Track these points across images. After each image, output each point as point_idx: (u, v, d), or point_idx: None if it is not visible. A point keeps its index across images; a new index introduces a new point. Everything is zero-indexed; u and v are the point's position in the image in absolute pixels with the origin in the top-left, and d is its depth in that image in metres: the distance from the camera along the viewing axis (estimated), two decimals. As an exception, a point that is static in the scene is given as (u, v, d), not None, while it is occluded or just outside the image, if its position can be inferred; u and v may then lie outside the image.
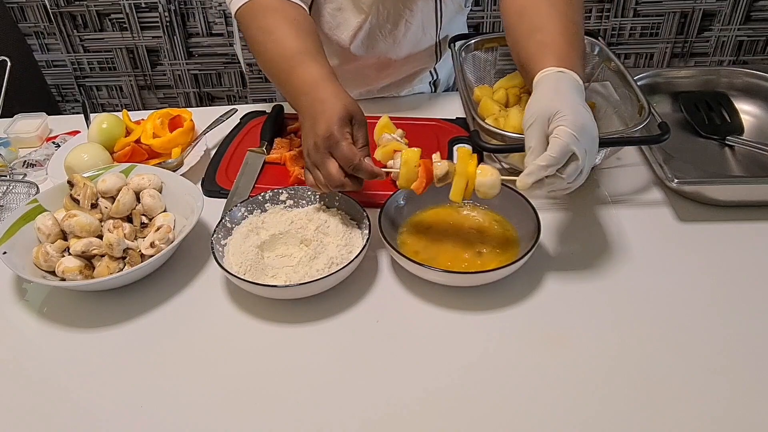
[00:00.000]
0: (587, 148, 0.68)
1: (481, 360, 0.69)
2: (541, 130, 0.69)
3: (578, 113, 0.68)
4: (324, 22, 1.06)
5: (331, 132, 0.75)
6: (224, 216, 0.83)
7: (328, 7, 1.03)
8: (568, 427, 0.62)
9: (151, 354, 0.72)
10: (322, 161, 0.76)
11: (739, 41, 2.35)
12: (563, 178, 0.68)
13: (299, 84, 0.82)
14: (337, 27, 1.06)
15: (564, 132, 0.67)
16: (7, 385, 0.70)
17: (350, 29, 1.05)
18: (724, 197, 0.87)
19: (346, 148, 0.75)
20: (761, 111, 1.05)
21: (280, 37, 0.87)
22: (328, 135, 0.75)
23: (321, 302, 0.76)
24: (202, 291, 0.80)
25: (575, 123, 0.67)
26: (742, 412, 0.63)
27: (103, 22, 2.27)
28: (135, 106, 2.49)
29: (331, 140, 0.75)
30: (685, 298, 0.75)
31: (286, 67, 0.84)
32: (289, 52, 0.85)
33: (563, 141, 0.67)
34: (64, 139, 1.11)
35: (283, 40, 0.86)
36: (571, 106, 0.69)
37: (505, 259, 0.77)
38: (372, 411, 0.65)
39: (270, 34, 0.88)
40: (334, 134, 0.75)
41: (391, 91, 1.19)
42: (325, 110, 0.77)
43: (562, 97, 0.70)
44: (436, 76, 1.20)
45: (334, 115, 0.76)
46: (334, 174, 0.75)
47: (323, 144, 0.76)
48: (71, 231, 0.79)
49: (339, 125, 0.75)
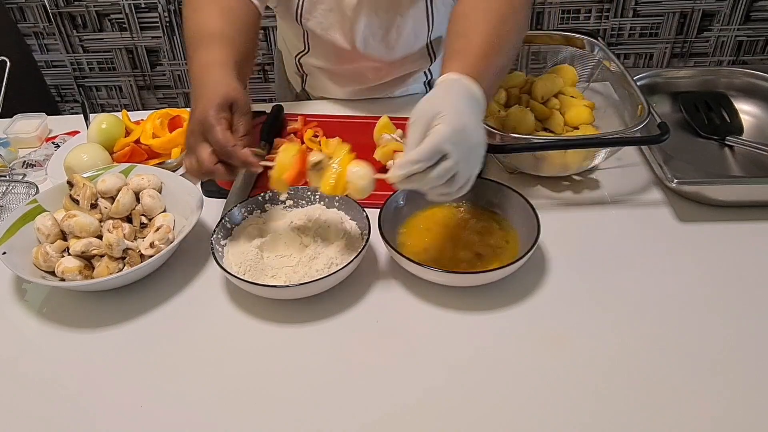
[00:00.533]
0: (463, 153, 0.66)
1: (481, 360, 0.69)
2: (423, 130, 0.67)
3: (460, 116, 0.66)
4: (317, 23, 1.06)
5: (206, 116, 0.73)
6: (224, 216, 0.83)
7: (319, 8, 1.03)
8: (567, 426, 0.62)
9: (151, 354, 0.72)
10: (195, 145, 0.75)
11: (739, 41, 2.35)
12: (431, 177, 0.66)
13: (197, 66, 0.81)
14: (330, 27, 1.06)
15: (439, 130, 0.65)
16: (7, 385, 0.70)
17: (342, 30, 1.05)
18: (723, 197, 0.87)
19: (220, 133, 0.73)
20: (761, 111, 1.05)
21: (203, 17, 0.87)
22: (202, 119, 0.74)
23: (321, 302, 0.76)
24: (201, 291, 0.80)
25: (452, 124, 0.65)
26: (743, 412, 0.63)
27: (102, 22, 2.27)
28: (134, 107, 2.49)
29: (205, 124, 0.74)
30: (685, 298, 0.75)
31: (194, 46, 0.84)
32: (202, 33, 0.85)
33: (435, 139, 0.65)
34: (63, 140, 1.11)
35: (204, 20, 0.86)
36: (454, 109, 0.67)
37: (505, 259, 0.77)
38: (372, 411, 0.65)
39: (195, 11, 0.88)
40: (208, 118, 0.73)
41: (385, 90, 1.19)
42: (206, 94, 0.76)
43: (450, 100, 0.68)
44: (431, 76, 1.20)
45: (213, 99, 0.75)
46: (204, 159, 0.73)
47: (198, 128, 0.74)
48: (71, 231, 0.79)
49: (216, 110, 0.74)
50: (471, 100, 0.70)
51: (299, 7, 1.04)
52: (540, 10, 2.27)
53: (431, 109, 0.67)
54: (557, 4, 2.25)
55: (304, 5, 1.04)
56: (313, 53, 1.15)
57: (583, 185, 0.93)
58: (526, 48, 1.09)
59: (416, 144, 0.66)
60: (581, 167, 0.92)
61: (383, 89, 1.18)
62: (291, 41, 1.20)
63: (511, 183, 0.85)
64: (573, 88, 1.01)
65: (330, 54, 1.12)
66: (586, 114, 0.95)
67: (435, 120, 0.66)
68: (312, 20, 1.06)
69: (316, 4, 1.03)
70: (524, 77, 1.04)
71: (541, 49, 1.09)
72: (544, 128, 0.96)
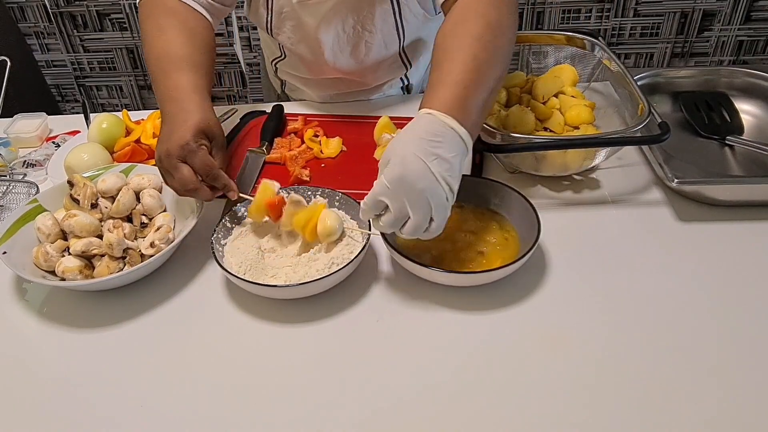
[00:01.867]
0: (405, 202, 0.65)
1: (481, 360, 0.69)
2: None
3: (404, 164, 0.65)
4: (286, 37, 1.06)
5: (187, 141, 0.77)
6: (224, 216, 0.83)
7: (287, 23, 1.03)
8: (567, 426, 0.62)
9: (152, 353, 0.72)
10: (174, 167, 0.77)
11: (739, 41, 2.35)
12: (381, 226, 0.69)
13: (171, 88, 0.83)
14: (299, 42, 1.06)
15: (377, 183, 0.67)
16: (7, 385, 0.70)
17: (310, 47, 1.06)
18: (724, 197, 0.87)
19: (204, 156, 0.78)
20: (761, 111, 1.05)
21: (170, 38, 0.88)
22: (183, 144, 0.77)
23: (321, 302, 0.76)
24: (202, 291, 0.80)
25: (390, 174, 0.65)
26: (743, 412, 0.63)
27: (103, 22, 2.28)
28: (135, 106, 2.49)
29: (186, 149, 0.77)
30: (685, 298, 0.75)
31: (164, 68, 0.85)
32: (171, 56, 0.86)
33: (373, 191, 0.68)
34: (64, 139, 1.11)
35: (172, 41, 0.87)
36: (401, 155, 0.65)
37: (505, 259, 0.77)
38: (372, 410, 0.65)
39: (162, 33, 0.89)
40: (189, 143, 0.77)
41: (361, 96, 1.19)
42: (188, 119, 0.79)
43: (404, 144, 0.66)
44: (408, 82, 1.20)
45: (193, 125, 0.78)
46: (189, 177, 0.77)
47: (177, 152, 0.77)
48: (71, 231, 0.79)
49: (195, 136, 0.78)
50: (434, 137, 0.66)
51: (268, 22, 1.04)
52: (540, 10, 2.27)
53: (387, 154, 0.68)
54: (558, 4, 2.25)
55: (272, 21, 1.04)
56: (288, 61, 1.16)
57: (583, 185, 0.93)
58: (527, 48, 1.09)
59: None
60: (581, 167, 0.92)
61: (359, 95, 1.18)
62: (268, 46, 1.20)
63: (511, 183, 0.85)
64: (573, 88, 1.01)
65: (303, 65, 1.13)
66: (586, 114, 0.94)
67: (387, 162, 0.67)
68: (281, 35, 1.06)
69: (284, 21, 1.03)
70: (525, 77, 1.04)
71: (541, 48, 1.09)
72: (545, 128, 0.96)
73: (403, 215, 0.67)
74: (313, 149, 1.02)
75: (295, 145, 1.02)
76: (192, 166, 0.78)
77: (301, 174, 0.96)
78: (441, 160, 0.66)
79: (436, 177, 0.65)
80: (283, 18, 1.02)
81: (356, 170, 0.98)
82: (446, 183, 0.66)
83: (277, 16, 1.02)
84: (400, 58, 1.13)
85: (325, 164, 1.00)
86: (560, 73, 1.02)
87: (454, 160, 0.67)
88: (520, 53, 1.10)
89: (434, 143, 0.66)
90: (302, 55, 1.08)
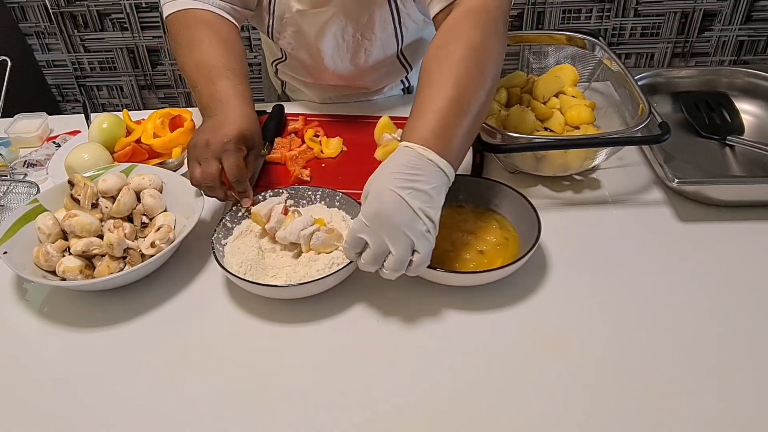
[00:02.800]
0: (384, 237, 0.65)
1: (481, 359, 0.69)
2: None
3: (380, 199, 0.65)
4: (286, 43, 1.07)
5: (229, 140, 0.79)
6: (225, 216, 0.83)
7: (288, 29, 1.04)
8: (567, 426, 0.62)
9: (152, 353, 0.72)
10: (206, 159, 0.80)
11: (740, 41, 2.35)
12: (363, 264, 0.68)
13: (219, 92, 0.85)
14: (299, 48, 1.06)
15: (355, 221, 0.68)
16: (7, 385, 0.70)
17: (310, 53, 1.06)
18: (724, 197, 0.87)
19: (240, 159, 0.80)
20: (762, 111, 1.05)
21: (209, 48, 0.90)
22: (228, 140, 0.79)
23: (321, 302, 0.76)
24: (202, 291, 0.80)
25: (369, 210, 0.66)
26: (744, 412, 0.63)
27: (103, 21, 2.28)
28: (135, 106, 2.50)
29: (226, 147, 0.79)
30: (685, 298, 0.75)
31: (210, 74, 0.87)
32: (214, 63, 0.88)
33: (352, 228, 0.68)
34: (64, 139, 1.11)
35: (210, 50, 0.90)
36: (377, 190, 0.66)
37: (505, 258, 0.77)
38: (372, 411, 0.65)
39: (200, 43, 0.91)
40: (230, 143, 0.79)
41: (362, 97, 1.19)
42: (234, 121, 0.81)
43: (380, 180, 0.67)
44: (408, 84, 1.21)
45: (240, 128, 0.81)
46: (214, 174, 0.79)
47: (217, 146, 0.79)
48: (72, 231, 0.79)
49: (239, 138, 0.80)
50: (412, 171, 0.66)
51: (270, 27, 1.05)
52: (541, 10, 2.27)
53: (366, 189, 0.69)
54: (558, 4, 2.25)
55: (273, 26, 1.04)
56: (288, 63, 1.16)
57: (583, 185, 0.93)
58: (527, 48, 1.09)
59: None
60: (582, 167, 0.92)
61: (360, 97, 1.19)
62: (269, 47, 1.21)
63: (512, 183, 0.85)
64: (574, 88, 1.01)
65: (303, 69, 1.14)
66: (586, 114, 0.94)
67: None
68: (282, 40, 1.07)
69: (285, 26, 1.04)
70: (525, 77, 1.04)
71: (542, 48, 1.09)
72: (545, 128, 0.96)
73: (383, 251, 0.66)
74: (314, 149, 1.02)
75: (295, 145, 1.02)
76: (225, 165, 0.80)
77: (301, 174, 0.96)
78: (418, 192, 0.66)
79: (414, 210, 0.65)
80: (285, 24, 1.03)
81: (357, 170, 0.98)
82: (425, 215, 0.66)
83: (278, 22, 1.03)
84: (399, 60, 1.13)
85: (325, 164, 1.00)
86: (561, 73, 1.02)
87: (433, 192, 0.67)
88: (520, 53, 1.10)
89: (412, 176, 0.66)
90: (303, 60, 1.09)
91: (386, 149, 0.94)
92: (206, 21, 0.94)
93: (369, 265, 0.68)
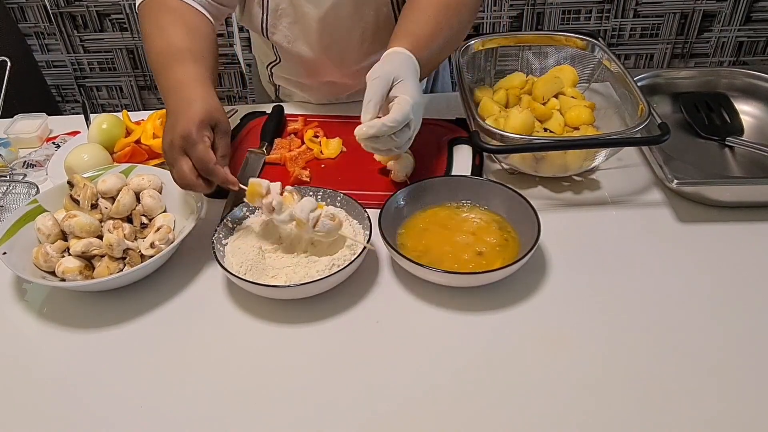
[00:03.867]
0: (419, 118, 0.82)
1: (481, 360, 0.69)
2: (384, 87, 0.79)
3: (416, 89, 0.80)
4: (282, 36, 1.06)
5: (189, 132, 0.76)
6: (225, 216, 0.83)
7: (283, 21, 1.03)
8: (567, 426, 0.62)
9: (152, 354, 0.72)
10: (175, 159, 0.77)
11: (739, 42, 2.35)
12: (396, 141, 0.79)
13: (173, 81, 0.83)
14: (295, 40, 1.06)
15: (406, 101, 0.78)
16: (7, 385, 0.70)
17: (307, 41, 1.05)
18: (724, 198, 0.87)
19: (203, 150, 0.76)
20: (761, 112, 1.05)
21: (170, 34, 0.88)
22: (185, 135, 0.76)
23: (321, 303, 0.76)
24: (202, 291, 0.80)
25: (413, 95, 0.79)
26: (744, 412, 0.63)
27: (103, 22, 2.28)
28: (135, 107, 2.50)
29: (188, 140, 0.76)
30: (685, 299, 0.75)
31: (165, 62, 0.85)
32: (173, 49, 0.86)
33: (405, 109, 0.77)
34: (64, 140, 1.11)
35: (171, 37, 0.88)
36: (411, 80, 0.80)
37: (505, 259, 0.78)
38: (372, 411, 0.65)
39: (162, 30, 0.89)
40: (191, 135, 0.76)
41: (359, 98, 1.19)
42: (189, 110, 0.77)
43: (404, 69, 0.81)
44: None
45: (196, 116, 0.77)
46: (186, 173, 0.76)
47: (179, 143, 0.76)
48: (71, 231, 0.79)
49: (198, 127, 0.76)
50: (415, 70, 0.83)
51: (263, 21, 1.04)
52: (540, 10, 2.27)
53: (390, 71, 0.80)
54: (558, 4, 2.25)
55: (268, 20, 1.04)
56: (284, 64, 1.15)
57: (583, 186, 0.94)
58: (527, 48, 1.09)
59: (378, 99, 0.79)
60: (581, 168, 0.92)
61: (356, 97, 1.18)
62: (262, 50, 1.20)
63: (511, 183, 0.85)
64: (573, 89, 1.01)
65: (299, 67, 1.13)
66: (586, 114, 0.95)
67: (397, 86, 0.79)
68: (277, 33, 1.06)
69: (281, 18, 1.03)
70: (524, 77, 1.04)
71: (541, 49, 1.09)
72: (545, 129, 0.96)
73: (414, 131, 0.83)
74: (313, 150, 1.02)
75: (295, 146, 1.02)
76: (192, 159, 0.77)
77: (301, 174, 0.96)
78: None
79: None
80: (280, 15, 1.02)
81: (356, 171, 0.98)
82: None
83: (272, 14, 1.02)
84: None
85: (325, 165, 1.00)
86: (560, 73, 1.02)
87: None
88: (520, 53, 1.10)
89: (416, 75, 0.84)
90: (300, 54, 1.08)
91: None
92: (173, 9, 0.92)
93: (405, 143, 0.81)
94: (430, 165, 0.97)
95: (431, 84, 1.32)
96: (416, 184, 0.87)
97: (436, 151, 1.00)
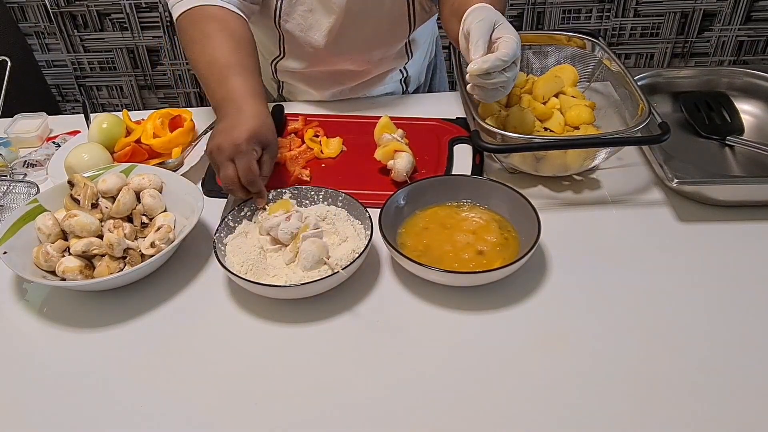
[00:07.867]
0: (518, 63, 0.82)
1: (481, 360, 0.69)
2: (489, 29, 0.80)
3: (514, 32, 0.81)
4: (296, 24, 1.07)
5: (240, 143, 0.80)
6: (226, 215, 0.83)
7: (298, 9, 1.04)
8: (567, 426, 0.62)
9: (152, 354, 0.72)
10: (221, 164, 0.82)
11: (740, 41, 2.35)
12: (507, 77, 0.80)
13: (231, 91, 0.86)
14: (309, 29, 1.07)
15: (513, 39, 0.79)
16: (7, 385, 0.70)
17: (322, 30, 1.06)
18: (724, 197, 0.87)
19: (250, 162, 0.81)
20: (761, 111, 1.05)
21: (219, 44, 0.91)
22: (237, 144, 0.80)
23: (322, 302, 0.76)
24: (202, 291, 0.80)
25: (516, 36, 0.80)
26: (744, 411, 0.63)
27: (103, 22, 2.27)
28: (135, 106, 2.49)
29: (238, 149, 0.81)
30: (685, 298, 0.75)
31: (221, 73, 0.88)
32: (225, 60, 0.89)
33: (514, 45, 0.79)
34: (64, 139, 1.11)
35: (221, 47, 0.91)
36: (507, 22, 0.82)
37: (505, 258, 0.78)
38: (372, 411, 0.65)
39: (210, 38, 0.92)
40: (241, 145, 0.80)
41: (363, 90, 1.20)
42: (246, 122, 0.82)
43: (501, 16, 0.83)
44: (406, 74, 1.22)
45: (251, 129, 0.82)
46: (233, 177, 0.81)
47: (229, 150, 0.81)
48: (71, 231, 0.79)
49: (249, 141, 0.81)
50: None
51: (277, 9, 1.05)
52: (541, 10, 2.27)
53: (492, 15, 0.82)
54: (558, 4, 2.25)
55: (282, 7, 1.04)
56: (288, 57, 1.16)
57: (583, 185, 0.94)
58: (528, 48, 1.09)
59: (486, 35, 0.80)
60: (582, 167, 0.92)
61: (361, 89, 1.19)
62: (266, 47, 1.20)
63: (511, 183, 0.85)
64: (574, 88, 1.01)
65: (306, 56, 1.13)
66: (586, 114, 0.95)
67: (499, 29, 0.81)
68: (291, 22, 1.07)
69: (296, 6, 1.04)
70: (525, 77, 1.04)
71: (542, 49, 1.09)
72: (545, 128, 0.96)
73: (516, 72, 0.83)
74: (314, 149, 1.02)
75: (295, 145, 1.02)
76: (237, 167, 0.81)
77: (301, 174, 0.96)
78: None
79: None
80: (295, 3, 1.04)
81: (357, 170, 0.98)
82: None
83: (288, 3, 1.04)
84: (405, 48, 1.15)
85: (325, 164, 1.00)
86: (560, 73, 1.02)
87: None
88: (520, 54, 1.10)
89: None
90: (310, 43, 1.09)
91: (386, 149, 0.94)
92: (215, 17, 0.94)
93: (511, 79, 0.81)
94: (430, 164, 0.97)
95: (430, 84, 1.32)
96: (416, 184, 0.87)
97: (436, 151, 1.00)
